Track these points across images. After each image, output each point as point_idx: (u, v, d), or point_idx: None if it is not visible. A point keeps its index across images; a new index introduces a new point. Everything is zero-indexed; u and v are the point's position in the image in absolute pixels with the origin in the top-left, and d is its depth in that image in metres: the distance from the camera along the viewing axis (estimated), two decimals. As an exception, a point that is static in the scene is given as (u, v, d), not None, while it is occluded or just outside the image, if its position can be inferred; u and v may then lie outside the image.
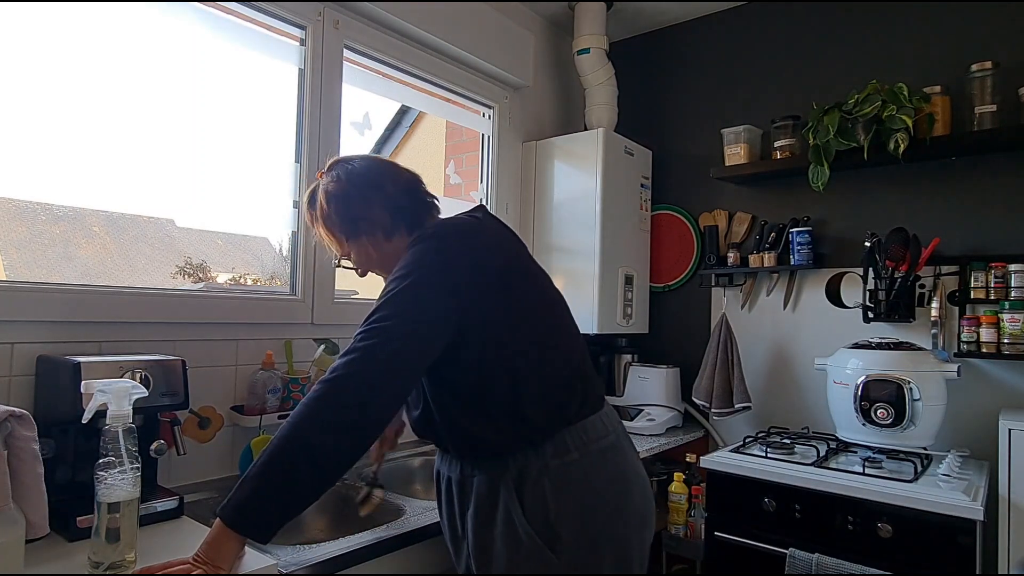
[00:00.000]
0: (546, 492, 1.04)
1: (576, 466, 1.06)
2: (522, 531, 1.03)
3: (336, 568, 1.15)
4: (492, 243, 1.10)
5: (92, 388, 1.00)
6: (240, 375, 1.61)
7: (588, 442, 1.08)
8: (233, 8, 1.64)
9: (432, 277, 1.01)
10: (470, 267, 1.04)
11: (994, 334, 1.79)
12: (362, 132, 2.06)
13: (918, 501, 1.54)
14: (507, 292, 1.06)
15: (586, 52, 2.44)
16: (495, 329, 1.05)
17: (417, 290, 1.00)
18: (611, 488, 1.08)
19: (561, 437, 1.07)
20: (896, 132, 1.86)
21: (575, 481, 1.05)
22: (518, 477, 1.05)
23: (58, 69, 1.40)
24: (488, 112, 2.44)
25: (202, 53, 1.67)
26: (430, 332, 1.00)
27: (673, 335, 2.58)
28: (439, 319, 1.01)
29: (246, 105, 1.79)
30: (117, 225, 1.76)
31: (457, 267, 1.03)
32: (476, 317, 1.03)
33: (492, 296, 1.05)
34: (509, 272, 1.08)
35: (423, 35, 2.03)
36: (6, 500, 0.94)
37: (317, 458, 0.94)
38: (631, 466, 1.14)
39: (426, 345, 1.00)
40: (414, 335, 0.99)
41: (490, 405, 1.07)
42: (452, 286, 1.02)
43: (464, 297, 1.02)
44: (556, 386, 1.08)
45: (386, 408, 0.98)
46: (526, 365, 1.06)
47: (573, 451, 1.06)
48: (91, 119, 1.43)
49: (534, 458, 1.05)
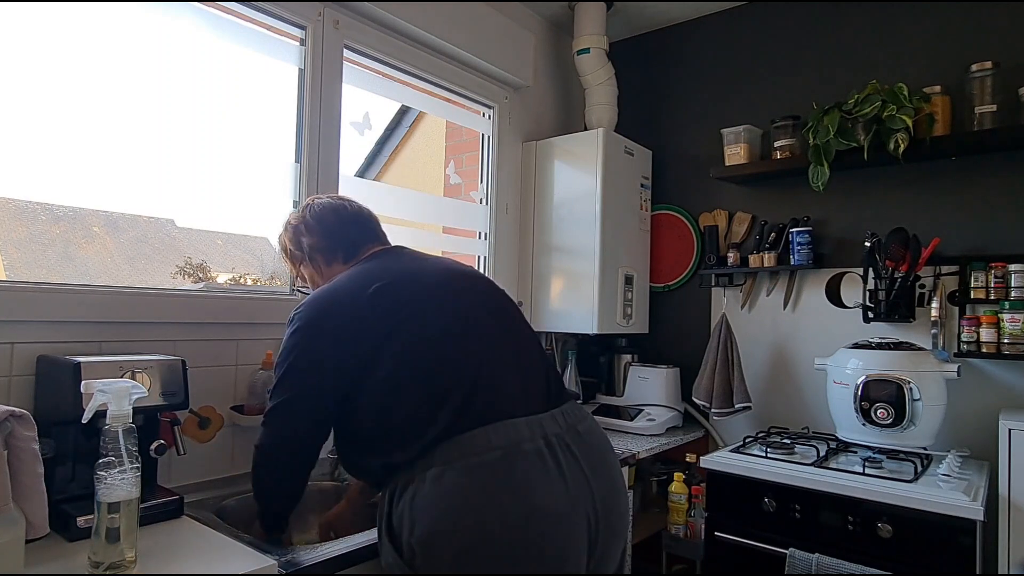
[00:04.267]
0: (405, 507, 1.03)
1: (435, 482, 1.01)
2: (387, 548, 1.07)
3: (336, 568, 1.15)
4: (343, 292, 1.20)
5: (92, 388, 1.00)
6: (240, 375, 1.61)
7: (458, 456, 1.02)
8: (233, 8, 1.64)
9: (297, 362, 1.16)
10: (326, 341, 1.16)
11: (994, 334, 1.79)
12: (362, 132, 2.06)
13: (918, 501, 1.54)
14: (363, 331, 1.15)
15: (586, 52, 2.44)
16: (356, 372, 1.14)
17: (290, 377, 1.16)
18: (476, 509, 0.98)
19: (431, 452, 1.04)
20: (896, 132, 1.86)
21: (432, 498, 1.00)
22: (392, 490, 1.08)
23: (58, 69, 1.40)
24: (488, 112, 2.44)
25: (202, 53, 1.67)
26: (312, 406, 1.16)
27: (673, 335, 2.58)
28: (315, 393, 1.15)
29: (246, 105, 1.79)
30: (117, 225, 1.76)
31: (314, 346, 1.16)
32: (342, 373, 1.15)
33: (349, 346, 1.15)
34: (371, 308, 1.16)
35: (423, 35, 2.03)
36: (6, 500, 0.94)
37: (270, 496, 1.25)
38: (515, 487, 1.00)
39: (313, 418, 1.17)
40: (299, 415, 1.16)
41: (362, 436, 1.16)
42: (314, 362, 1.15)
43: (328, 363, 1.15)
44: (418, 407, 1.08)
45: (301, 469, 1.21)
46: (389, 390, 1.11)
47: (438, 465, 1.02)
48: (91, 119, 1.43)
49: (407, 472, 1.06)
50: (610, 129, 2.42)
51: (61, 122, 1.40)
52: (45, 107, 1.38)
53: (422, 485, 1.02)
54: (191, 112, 1.61)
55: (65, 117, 1.40)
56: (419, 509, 1.00)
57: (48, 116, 1.38)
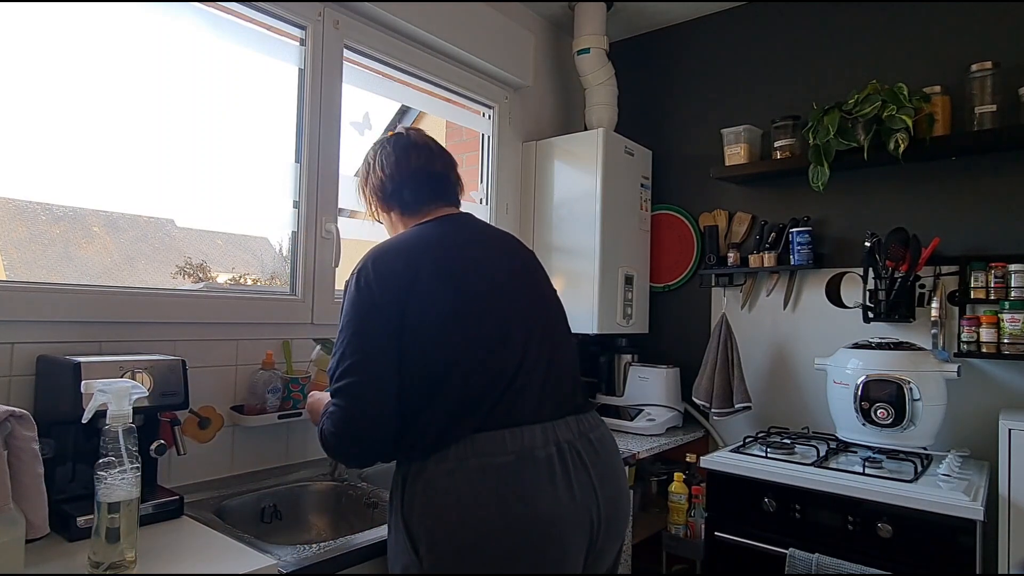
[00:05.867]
0: (417, 497, 1.05)
1: (448, 477, 1.03)
2: (398, 524, 1.07)
3: (336, 568, 1.15)
4: (410, 274, 1.12)
5: (92, 388, 1.00)
6: (240, 375, 1.61)
7: (471, 456, 1.04)
8: (233, 8, 1.64)
9: (365, 324, 1.10)
10: (386, 318, 1.10)
11: (994, 334, 1.79)
12: (362, 132, 2.06)
13: (918, 501, 1.54)
14: (413, 316, 1.10)
15: (586, 52, 2.44)
16: (408, 340, 1.10)
17: (362, 342, 1.09)
18: (480, 510, 1.01)
19: (448, 447, 1.05)
20: (896, 132, 1.86)
21: (439, 495, 1.03)
22: (405, 475, 1.08)
23: (58, 69, 1.40)
24: (488, 112, 2.44)
25: (202, 53, 1.67)
26: (384, 375, 1.09)
27: (673, 335, 2.58)
28: (386, 360, 1.09)
29: (246, 105, 1.79)
30: (117, 225, 1.76)
31: (382, 304, 1.10)
32: (398, 336, 1.10)
33: (405, 320, 1.10)
34: (427, 294, 1.12)
35: (423, 35, 2.03)
36: (6, 500, 0.94)
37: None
38: (520, 493, 1.02)
39: (386, 386, 1.09)
40: (372, 385, 1.08)
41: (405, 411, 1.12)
42: (385, 329, 1.09)
43: (394, 328, 1.10)
44: (442, 400, 1.08)
45: (379, 446, 1.10)
46: (421, 373, 1.09)
47: (451, 461, 1.04)
48: (91, 119, 1.43)
49: (422, 461, 1.06)
50: (610, 129, 2.42)
51: (61, 122, 1.40)
52: (45, 107, 1.38)
53: (435, 478, 1.04)
54: (191, 112, 1.61)
55: (65, 117, 1.40)
56: (429, 500, 1.03)
57: (48, 116, 1.38)
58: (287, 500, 1.56)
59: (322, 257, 1.79)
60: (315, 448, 1.76)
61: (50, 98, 1.39)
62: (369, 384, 1.07)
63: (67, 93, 1.41)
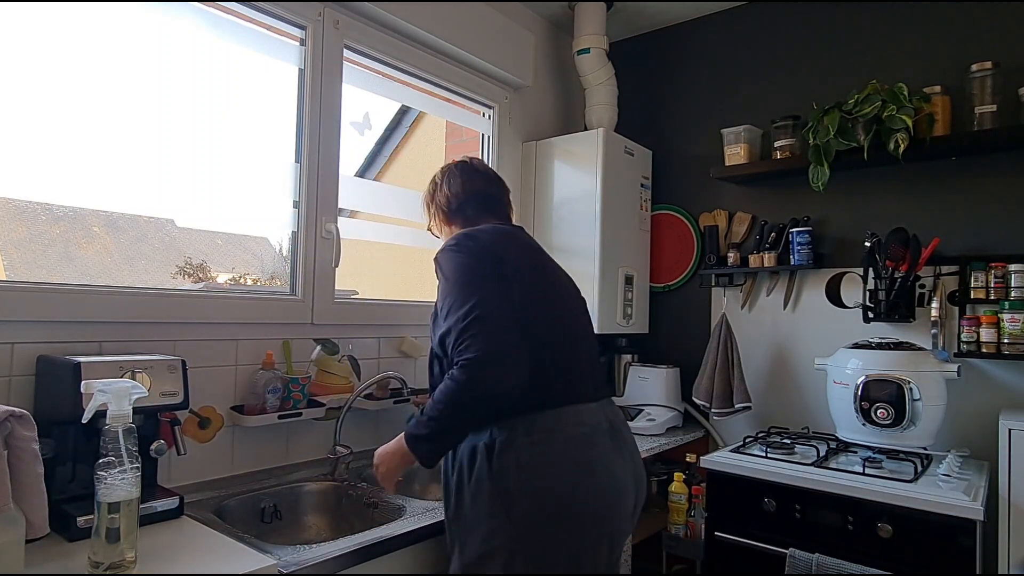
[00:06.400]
0: (511, 464, 1.16)
1: (539, 447, 1.17)
2: (486, 492, 1.16)
3: (336, 568, 1.15)
4: (500, 246, 1.30)
5: (92, 388, 1.00)
6: (240, 375, 1.61)
7: (556, 428, 1.19)
8: (233, 8, 1.64)
9: (476, 268, 1.23)
10: (492, 267, 1.25)
11: (994, 334, 1.79)
12: (362, 132, 2.06)
13: (918, 501, 1.54)
14: (510, 287, 1.24)
15: (586, 52, 2.44)
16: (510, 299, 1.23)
17: (473, 285, 1.20)
18: (568, 475, 1.17)
19: (533, 418, 1.19)
20: (896, 132, 1.86)
21: (535, 460, 1.16)
22: (491, 446, 1.18)
23: (58, 69, 1.40)
24: (488, 112, 2.44)
25: (202, 53, 1.67)
26: (505, 309, 1.20)
27: (673, 335, 2.58)
28: (501, 292, 1.21)
29: (246, 105, 1.79)
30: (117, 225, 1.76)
31: (485, 273, 1.23)
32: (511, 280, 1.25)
33: (503, 288, 1.23)
34: (515, 270, 1.27)
35: (423, 35, 2.03)
36: (6, 500, 0.94)
37: (473, 419, 1.20)
38: (599, 461, 1.21)
39: (511, 322, 1.19)
40: (501, 315, 1.18)
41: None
42: (491, 263, 1.24)
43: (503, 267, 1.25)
44: (537, 373, 1.20)
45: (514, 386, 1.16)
46: (516, 350, 1.18)
47: (540, 432, 1.18)
48: (91, 119, 1.43)
49: (508, 432, 1.18)
50: (610, 129, 2.42)
51: (61, 122, 1.40)
52: (45, 107, 1.38)
53: (530, 447, 1.16)
54: (191, 112, 1.61)
55: (65, 117, 1.40)
56: (527, 467, 1.15)
57: (48, 116, 1.38)
58: (287, 500, 1.56)
59: (322, 257, 1.79)
60: (315, 448, 1.76)
61: (50, 98, 1.39)
62: (498, 318, 1.17)
63: (67, 93, 1.41)
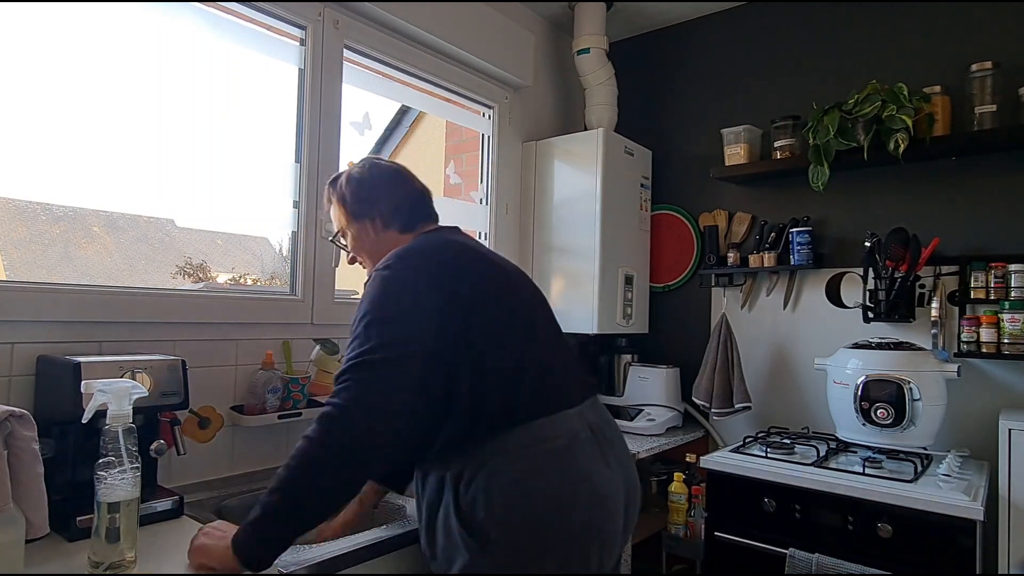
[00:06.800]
0: (479, 490, 1.04)
1: (512, 466, 1.04)
2: (455, 528, 1.05)
3: (336, 568, 1.15)
4: (448, 257, 1.15)
5: (92, 388, 1.00)
6: (240, 375, 1.61)
7: (531, 443, 1.06)
8: (233, 8, 1.64)
9: (398, 304, 1.06)
10: (434, 285, 1.09)
11: (994, 334, 1.79)
12: (362, 132, 2.06)
13: (918, 501, 1.54)
14: (458, 305, 1.09)
15: (586, 52, 2.44)
16: (455, 332, 1.08)
17: (386, 323, 1.04)
18: (551, 492, 1.04)
19: (503, 439, 1.06)
20: (896, 132, 1.86)
21: (508, 481, 1.03)
22: (458, 474, 1.07)
23: (58, 69, 1.40)
24: (488, 112, 2.44)
25: (202, 53, 1.67)
26: (413, 359, 1.03)
27: (673, 335, 2.58)
28: (419, 343, 1.04)
29: (246, 105, 1.79)
30: (117, 225, 1.76)
31: (424, 288, 1.08)
32: (444, 329, 1.07)
33: (452, 305, 1.09)
34: (463, 279, 1.13)
35: (423, 35, 2.03)
36: (6, 500, 0.94)
37: (319, 500, 0.98)
38: (579, 476, 1.07)
39: (413, 374, 1.03)
40: (399, 364, 1.01)
41: (436, 407, 1.09)
42: (423, 308, 1.06)
43: (432, 314, 1.07)
44: (502, 386, 1.09)
45: (385, 447, 1.00)
46: (472, 365, 1.08)
47: (512, 450, 1.05)
48: (91, 119, 1.43)
49: (476, 458, 1.06)
50: (610, 129, 2.42)
51: (61, 122, 1.40)
52: (45, 107, 1.38)
53: (500, 469, 1.04)
54: (191, 112, 1.61)
55: (65, 117, 1.40)
56: (498, 492, 1.03)
57: (48, 116, 1.38)
58: (287, 500, 1.55)
59: (322, 257, 1.79)
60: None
61: (50, 98, 1.39)
62: (402, 362, 1.01)
63: (67, 93, 1.41)
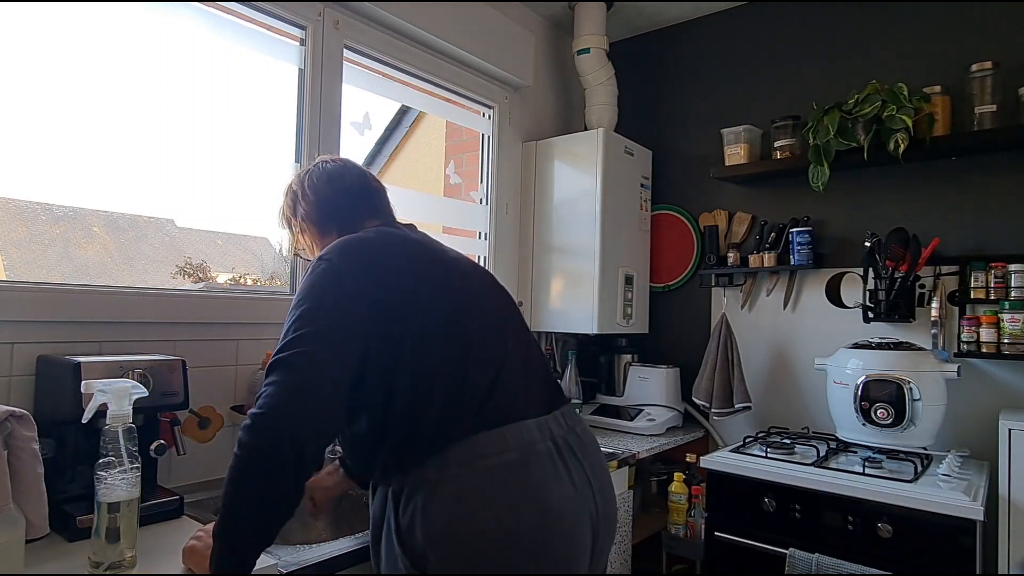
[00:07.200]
0: (417, 510, 0.98)
1: (453, 483, 0.97)
2: (396, 549, 1.00)
3: (336, 568, 1.15)
4: (379, 261, 1.07)
5: (92, 388, 1.00)
6: (240, 375, 1.61)
7: (474, 458, 0.99)
8: (233, 8, 1.64)
9: (326, 296, 1.01)
10: (362, 289, 1.02)
11: (994, 334, 1.79)
12: (362, 132, 2.06)
13: (918, 501, 1.54)
14: (394, 307, 1.03)
15: (586, 52, 2.44)
16: (384, 346, 1.02)
17: (314, 313, 1.00)
18: (490, 514, 0.96)
19: (446, 453, 0.99)
20: (896, 132, 1.86)
21: (449, 499, 0.97)
22: (399, 492, 1.02)
23: (58, 69, 1.40)
24: (488, 112, 2.44)
25: (202, 53, 1.67)
26: (337, 356, 0.99)
27: (673, 335, 2.58)
28: (344, 335, 0.99)
29: (246, 105, 1.79)
30: (117, 225, 1.76)
31: (351, 290, 1.02)
32: (372, 334, 1.01)
33: (383, 310, 1.02)
34: (398, 287, 1.06)
35: (423, 35, 2.03)
36: (6, 500, 0.94)
37: (260, 511, 0.95)
38: (531, 491, 0.99)
39: (337, 369, 0.98)
40: (322, 362, 0.97)
41: (373, 419, 1.05)
42: (350, 309, 1.01)
43: (362, 315, 1.01)
44: (443, 394, 1.02)
45: (317, 437, 0.95)
46: (410, 368, 1.02)
47: (453, 466, 0.98)
48: (91, 119, 1.43)
49: (415, 472, 1.00)
50: (610, 129, 2.42)
51: (61, 122, 1.40)
52: (45, 107, 1.38)
53: (439, 486, 0.98)
54: (191, 112, 1.61)
55: (65, 117, 1.40)
56: (435, 510, 0.97)
57: (48, 116, 1.38)
58: (287, 500, 1.55)
59: (322, 257, 1.79)
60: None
61: (50, 98, 1.39)
62: (323, 360, 0.96)
63: (67, 93, 1.41)
